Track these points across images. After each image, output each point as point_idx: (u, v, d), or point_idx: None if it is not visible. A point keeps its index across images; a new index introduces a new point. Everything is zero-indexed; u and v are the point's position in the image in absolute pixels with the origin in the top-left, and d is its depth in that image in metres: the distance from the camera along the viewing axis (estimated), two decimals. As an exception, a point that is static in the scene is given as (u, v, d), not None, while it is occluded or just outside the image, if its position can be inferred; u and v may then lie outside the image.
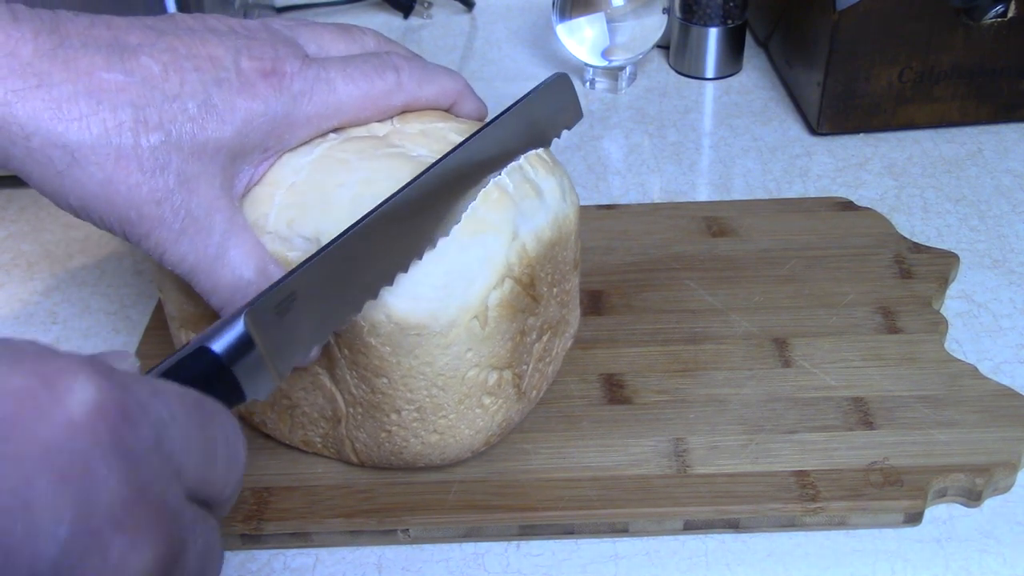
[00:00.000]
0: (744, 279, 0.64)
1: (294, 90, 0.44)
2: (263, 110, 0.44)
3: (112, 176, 0.40)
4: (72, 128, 0.39)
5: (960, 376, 0.56)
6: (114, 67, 0.40)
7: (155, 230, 0.42)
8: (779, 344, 0.59)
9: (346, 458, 0.52)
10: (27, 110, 0.39)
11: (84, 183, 0.40)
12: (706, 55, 0.87)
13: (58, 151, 0.40)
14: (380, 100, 0.47)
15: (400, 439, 0.49)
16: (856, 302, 0.61)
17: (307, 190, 0.46)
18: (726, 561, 0.49)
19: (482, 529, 0.50)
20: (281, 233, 0.46)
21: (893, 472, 0.51)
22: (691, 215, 0.69)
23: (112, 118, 0.40)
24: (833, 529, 0.50)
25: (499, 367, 0.49)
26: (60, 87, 0.39)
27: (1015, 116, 0.79)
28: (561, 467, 0.52)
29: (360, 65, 0.47)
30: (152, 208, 0.41)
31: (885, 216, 0.68)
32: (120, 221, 0.42)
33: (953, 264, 0.64)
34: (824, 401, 0.55)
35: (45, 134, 0.39)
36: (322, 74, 0.45)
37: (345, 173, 0.46)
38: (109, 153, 0.40)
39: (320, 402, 0.50)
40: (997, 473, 0.51)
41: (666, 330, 0.60)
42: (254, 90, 0.43)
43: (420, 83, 0.49)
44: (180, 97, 0.41)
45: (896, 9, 0.73)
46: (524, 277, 0.48)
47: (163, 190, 0.41)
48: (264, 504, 0.51)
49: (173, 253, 0.43)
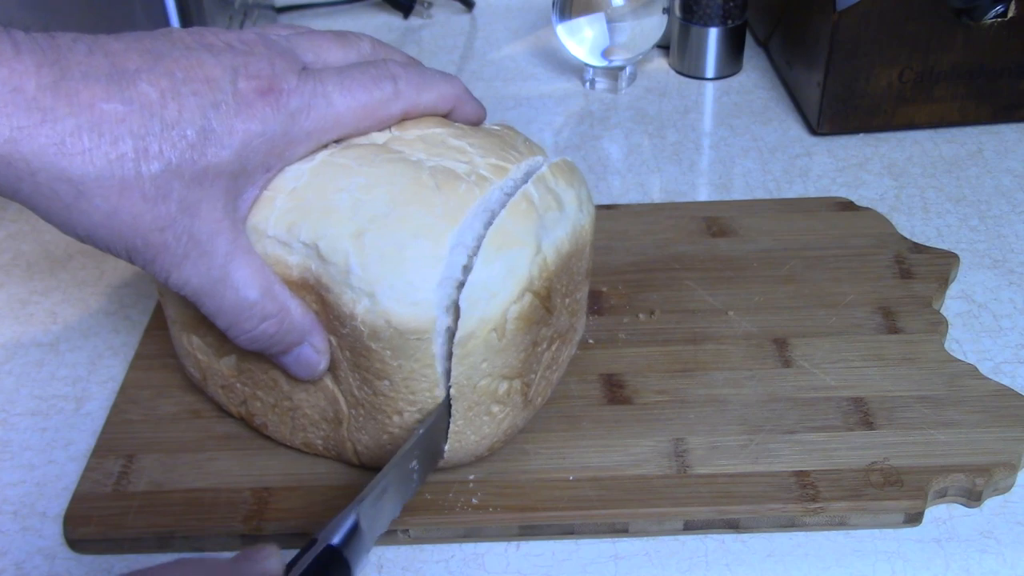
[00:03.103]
0: (744, 279, 0.64)
1: (291, 107, 0.45)
2: (261, 130, 0.44)
3: (117, 207, 0.41)
4: (76, 162, 0.40)
5: (960, 376, 0.56)
6: (113, 97, 0.41)
7: (160, 256, 0.43)
8: (779, 344, 0.59)
9: (347, 460, 0.52)
10: (33, 147, 0.39)
11: (90, 214, 0.41)
12: (706, 55, 0.87)
13: (64, 185, 0.40)
14: (378, 110, 0.47)
15: (402, 441, 0.49)
16: (856, 302, 0.61)
17: (307, 195, 0.46)
18: (726, 561, 0.49)
19: (482, 529, 0.50)
20: (281, 238, 0.46)
21: (893, 472, 0.51)
22: (691, 215, 0.69)
23: (113, 150, 0.40)
24: (833, 529, 0.50)
25: (510, 377, 0.49)
26: (64, 122, 0.40)
27: (1015, 116, 0.79)
28: (561, 467, 0.52)
29: (357, 76, 0.47)
30: (156, 235, 0.42)
31: (885, 216, 0.68)
32: (126, 249, 0.43)
33: (953, 264, 0.64)
34: (824, 401, 0.55)
35: (51, 169, 0.40)
36: (319, 88, 0.45)
37: (345, 179, 0.46)
38: (113, 185, 0.41)
39: (322, 404, 0.50)
40: (997, 473, 0.50)
41: (666, 330, 0.60)
42: (251, 111, 0.43)
43: (418, 90, 0.49)
44: (179, 124, 0.42)
45: (896, 9, 0.73)
46: (542, 290, 0.48)
47: (166, 217, 0.42)
48: (264, 504, 0.51)
49: (178, 277, 0.44)
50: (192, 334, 0.53)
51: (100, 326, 0.65)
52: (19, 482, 0.54)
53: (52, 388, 0.60)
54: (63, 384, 0.60)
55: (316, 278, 0.46)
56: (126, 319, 0.65)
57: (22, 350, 0.63)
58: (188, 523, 0.50)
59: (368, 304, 0.45)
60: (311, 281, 0.46)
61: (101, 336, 0.64)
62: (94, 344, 0.63)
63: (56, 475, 0.55)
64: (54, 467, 0.55)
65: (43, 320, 0.65)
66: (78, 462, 0.55)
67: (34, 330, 0.65)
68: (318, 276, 0.46)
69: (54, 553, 0.51)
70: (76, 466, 0.55)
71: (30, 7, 0.69)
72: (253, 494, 0.52)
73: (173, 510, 0.51)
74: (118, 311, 0.66)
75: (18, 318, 0.66)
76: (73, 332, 0.64)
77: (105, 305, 0.66)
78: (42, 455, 0.56)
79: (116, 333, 0.64)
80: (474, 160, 0.48)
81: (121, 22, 0.71)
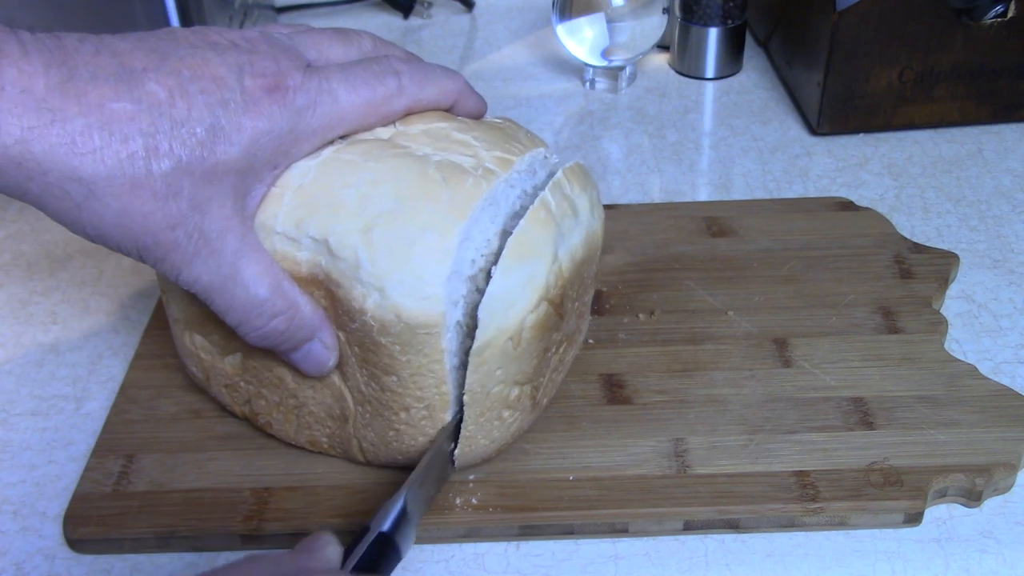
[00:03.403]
0: (744, 279, 0.64)
1: (298, 104, 0.45)
2: (268, 128, 0.44)
3: (127, 205, 0.41)
4: (87, 162, 0.40)
5: (960, 376, 0.56)
6: (122, 96, 0.41)
7: (170, 254, 0.43)
8: (779, 344, 0.59)
9: (352, 457, 0.52)
10: (44, 147, 0.39)
11: (101, 214, 0.41)
12: (706, 55, 0.87)
13: (75, 185, 0.40)
14: (382, 106, 0.48)
15: (408, 438, 0.49)
16: (856, 302, 0.61)
17: (315, 192, 0.46)
18: (726, 561, 0.49)
19: (482, 529, 0.50)
20: (289, 234, 0.46)
21: (893, 472, 0.51)
22: (691, 215, 0.69)
23: (124, 149, 0.40)
24: (833, 529, 0.50)
25: (522, 383, 0.49)
26: (74, 121, 0.40)
27: (1015, 116, 0.79)
28: (561, 467, 0.52)
29: (361, 73, 0.47)
30: (167, 233, 0.42)
31: (885, 216, 0.68)
32: (137, 248, 0.43)
33: (953, 264, 0.64)
34: (824, 401, 0.55)
35: (62, 169, 0.40)
36: (324, 85, 0.46)
37: (352, 174, 0.46)
38: (124, 184, 0.41)
39: (328, 401, 0.50)
40: (997, 473, 0.50)
41: (666, 330, 0.60)
42: (259, 108, 0.44)
43: (420, 85, 0.49)
44: (188, 122, 0.42)
45: (896, 9, 0.73)
46: (556, 297, 0.48)
47: (176, 215, 0.42)
48: (264, 504, 0.51)
49: (188, 274, 0.44)
50: (196, 333, 0.53)
51: (100, 326, 0.65)
52: (19, 482, 0.54)
53: (52, 388, 0.60)
54: (63, 384, 0.60)
55: (326, 273, 0.46)
56: (126, 319, 0.65)
57: (22, 350, 0.63)
58: (188, 523, 0.50)
59: (378, 299, 0.45)
60: (320, 277, 0.46)
61: (101, 336, 0.64)
62: (94, 344, 0.63)
63: (56, 475, 0.55)
64: (54, 467, 0.55)
65: (43, 320, 0.65)
66: (78, 462, 0.55)
67: (34, 330, 0.65)
68: (327, 272, 0.46)
69: (54, 553, 0.51)
70: (76, 466, 0.55)
71: (30, 6, 0.69)
72: (253, 494, 0.52)
73: (173, 510, 0.51)
74: (118, 311, 0.66)
75: (18, 318, 0.66)
76: (73, 332, 0.64)
77: (105, 305, 0.66)
78: (42, 455, 0.56)
79: (116, 333, 0.64)
80: (479, 154, 0.48)
81: (121, 22, 0.71)
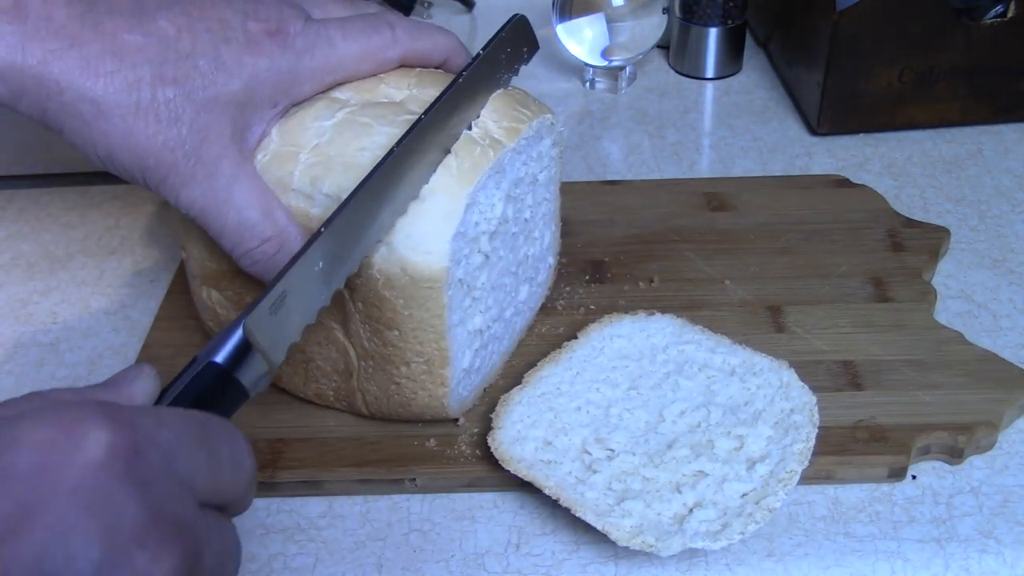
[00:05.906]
0: (741, 251, 0.65)
1: (297, 47, 0.48)
2: (268, 65, 0.48)
3: (133, 127, 0.45)
4: (99, 84, 0.44)
5: (946, 342, 0.58)
6: (135, 29, 0.45)
7: (170, 175, 0.46)
8: (773, 311, 0.60)
9: (357, 410, 0.54)
10: (61, 68, 0.44)
11: (109, 134, 0.45)
12: (706, 55, 0.87)
13: (87, 105, 0.44)
14: (377, 54, 0.51)
15: (409, 391, 0.52)
16: (849, 273, 0.63)
17: (330, 151, 0.49)
18: (726, 561, 0.49)
19: (485, 480, 0.52)
20: (304, 190, 0.49)
21: (878, 429, 0.52)
22: (691, 190, 0.71)
23: (132, 74, 0.45)
24: (820, 483, 0.51)
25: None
26: (89, 47, 0.44)
27: (1015, 116, 0.79)
28: None
29: (357, 23, 0.51)
30: (167, 155, 0.46)
31: (880, 193, 0.69)
32: (140, 168, 0.46)
33: (944, 238, 0.66)
34: (815, 364, 0.56)
35: (77, 89, 0.44)
36: (322, 32, 0.49)
37: (367, 137, 0.49)
38: (130, 106, 0.45)
39: (333, 356, 0.53)
40: (979, 431, 0.52)
41: (664, 297, 0.62)
42: (260, 48, 0.47)
43: (414, 37, 0.52)
44: (192, 55, 0.46)
45: (896, 9, 0.73)
46: None
47: (176, 139, 0.46)
48: (278, 454, 0.53)
49: (185, 196, 0.47)
50: (212, 288, 0.56)
51: (100, 326, 0.65)
52: (19, 482, 0.54)
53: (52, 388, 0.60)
54: (63, 384, 0.60)
55: None
56: (126, 319, 0.65)
57: (22, 350, 0.63)
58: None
59: (385, 252, 0.48)
60: None
61: (101, 336, 0.64)
62: (94, 344, 0.63)
63: (56, 475, 0.55)
64: (54, 467, 0.55)
65: (43, 320, 0.65)
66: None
67: (34, 330, 0.65)
68: None
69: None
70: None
71: None
72: (268, 444, 0.54)
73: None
74: (118, 311, 0.66)
75: (18, 318, 0.66)
76: (73, 332, 0.64)
77: (105, 305, 0.66)
78: (42, 455, 0.56)
79: (116, 333, 0.64)
80: (487, 125, 0.51)
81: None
